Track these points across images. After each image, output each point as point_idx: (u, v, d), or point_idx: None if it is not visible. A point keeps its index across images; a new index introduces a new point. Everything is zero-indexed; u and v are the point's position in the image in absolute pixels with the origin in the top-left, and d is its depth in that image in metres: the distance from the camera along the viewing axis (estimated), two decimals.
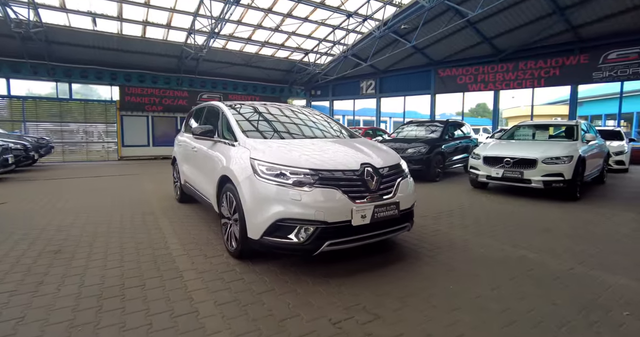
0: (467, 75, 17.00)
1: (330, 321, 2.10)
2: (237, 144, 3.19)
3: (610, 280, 2.70)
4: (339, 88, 21.52)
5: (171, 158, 5.70)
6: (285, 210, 2.53)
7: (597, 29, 13.04)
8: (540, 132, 7.58)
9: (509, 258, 3.17)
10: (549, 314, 2.19)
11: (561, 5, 12.29)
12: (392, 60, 17.90)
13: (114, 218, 4.47)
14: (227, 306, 2.24)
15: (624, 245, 3.56)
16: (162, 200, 5.72)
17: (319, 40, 16.39)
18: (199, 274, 2.72)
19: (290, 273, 2.76)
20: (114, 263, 2.92)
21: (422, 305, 2.31)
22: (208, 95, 17.88)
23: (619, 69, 13.17)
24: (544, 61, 14.74)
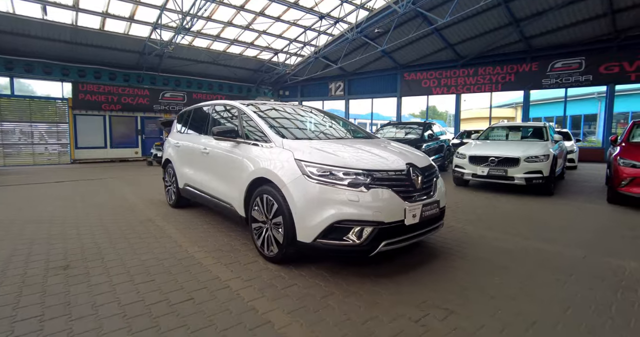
0: (431, 79, 17.88)
1: (410, 319, 2.08)
2: (271, 145, 3.03)
3: (621, 264, 2.98)
4: (307, 89, 21.51)
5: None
6: (343, 211, 2.46)
7: (545, 40, 14.41)
8: (513, 133, 8.18)
9: (527, 249, 3.37)
10: (594, 298, 2.36)
11: (517, 17, 13.40)
12: (360, 63, 18.30)
13: (110, 227, 4.05)
14: (298, 313, 2.12)
15: (614, 233, 3.95)
16: (153, 206, 5.29)
17: (289, 41, 16.26)
18: (247, 282, 2.55)
19: (340, 276, 2.69)
20: (142, 277, 2.64)
21: (482, 297, 2.37)
22: (171, 94, 16.93)
23: (563, 77, 14.66)
24: (500, 67, 15.96)
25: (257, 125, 3.33)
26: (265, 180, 2.95)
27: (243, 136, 3.40)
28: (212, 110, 4.29)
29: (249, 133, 3.41)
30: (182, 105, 17.26)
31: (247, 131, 3.44)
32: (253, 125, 3.42)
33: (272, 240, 2.88)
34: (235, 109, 3.80)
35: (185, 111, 5.17)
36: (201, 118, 4.52)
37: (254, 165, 3.08)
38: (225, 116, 4.06)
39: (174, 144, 4.90)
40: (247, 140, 3.32)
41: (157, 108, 16.47)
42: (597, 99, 21.66)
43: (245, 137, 3.38)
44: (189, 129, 4.75)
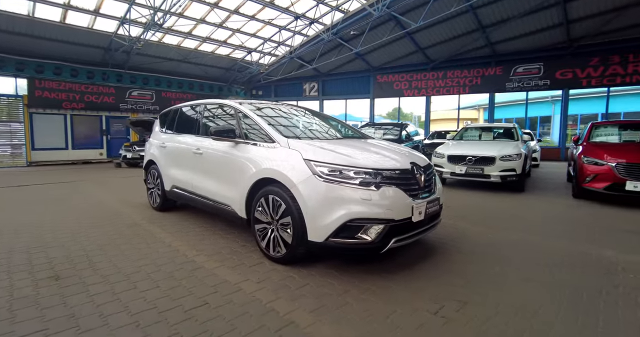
0: (402, 82, 18.41)
1: (428, 311, 2.15)
2: (275, 145, 3.00)
3: (599, 252, 3.25)
4: (281, 89, 21.37)
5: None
6: (355, 210, 2.49)
7: (508, 46, 15.32)
8: (486, 134, 8.64)
9: (514, 241, 3.57)
10: (585, 281, 2.56)
11: (483, 24, 14.14)
12: (334, 64, 18.46)
13: (94, 233, 3.80)
14: (320, 312, 2.12)
15: (586, 225, 4.29)
16: (135, 209, 5.04)
17: (264, 40, 16.07)
18: (259, 285, 2.50)
19: (349, 274, 2.72)
20: (145, 284, 2.51)
21: (487, 286, 2.50)
22: (139, 93, 16.17)
23: (525, 81, 15.66)
24: (468, 71, 16.75)
25: (258, 126, 3.28)
26: (270, 180, 2.92)
27: (242, 136, 3.34)
28: (203, 109, 4.16)
29: (249, 133, 3.35)
30: (151, 104, 16.54)
31: (246, 131, 3.37)
32: (253, 125, 3.36)
33: (278, 241, 2.85)
34: (231, 108, 3.71)
35: (169, 110, 4.97)
36: (190, 118, 4.37)
37: (257, 166, 3.03)
38: (218, 116, 3.96)
39: (159, 145, 4.69)
40: (247, 141, 3.26)
41: (124, 107, 15.65)
42: (550, 102, 23.44)
43: (245, 137, 3.32)
44: (176, 129, 4.57)
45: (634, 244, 3.52)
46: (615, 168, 5.31)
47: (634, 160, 5.23)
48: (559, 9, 12.53)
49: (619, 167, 5.29)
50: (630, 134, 6.71)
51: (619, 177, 5.27)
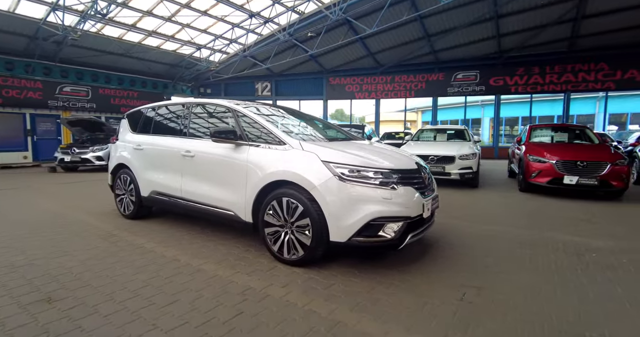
0: (354, 84, 19.04)
1: (456, 299, 2.33)
2: (286, 147, 2.96)
3: (563, 237, 3.77)
4: (232, 87, 20.71)
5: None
6: (378, 209, 2.58)
7: (450, 54, 16.71)
8: (440, 135, 9.36)
9: (491, 233, 3.95)
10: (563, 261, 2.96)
11: (429, 32, 15.22)
12: (288, 65, 18.42)
13: (66, 247, 3.37)
14: (359, 309, 2.17)
15: (543, 215, 4.92)
16: (102, 217, 4.55)
17: (215, 37, 15.44)
18: (285, 288, 2.46)
19: (367, 271, 2.79)
20: (161, 299, 2.31)
21: (490, 273, 2.77)
22: (72, 89, 14.48)
23: (464, 86, 17.22)
24: (414, 76, 17.90)
25: (263, 127, 3.20)
26: (281, 183, 2.88)
27: (244, 138, 3.23)
28: (189, 109, 3.91)
29: (252, 135, 3.26)
30: (86, 101, 14.89)
31: (247, 133, 3.27)
32: (256, 126, 3.27)
33: (293, 243, 2.83)
34: (228, 109, 3.57)
35: (139, 111, 4.57)
36: (174, 118, 4.08)
37: (267, 169, 2.96)
38: (211, 116, 3.76)
39: (133, 147, 4.30)
40: (251, 143, 3.17)
41: (54, 104, 13.87)
42: (480, 105, 26.09)
43: (247, 139, 3.22)
44: (154, 130, 4.23)
45: (588, 230, 4.13)
46: (555, 165, 6.15)
47: (569, 158, 6.11)
48: (493, 23, 14.02)
49: (558, 164, 6.13)
50: (560, 135, 7.81)
51: (558, 173, 6.11)
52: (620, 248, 3.46)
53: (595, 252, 3.32)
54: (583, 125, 8.03)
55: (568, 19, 13.21)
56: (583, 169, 5.96)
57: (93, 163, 10.08)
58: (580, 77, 15.12)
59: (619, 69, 14.49)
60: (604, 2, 12.17)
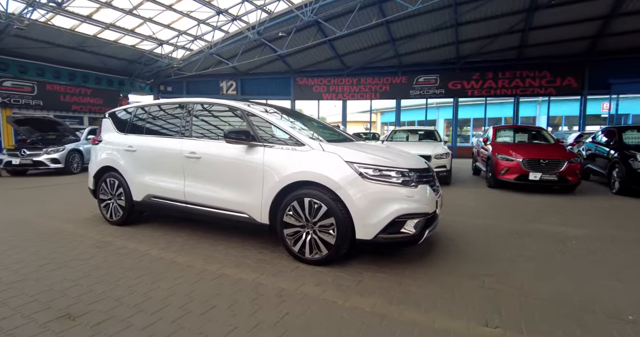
0: (321, 85, 19.25)
1: (479, 287, 2.52)
2: (305, 148, 2.98)
3: (542, 227, 4.19)
4: (195, 86, 19.92)
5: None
6: (403, 207, 2.70)
7: (413, 58, 17.52)
8: (412, 135, 9.81)
9: (480, 226, 4.28)
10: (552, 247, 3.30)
11: (394, 37, 15.84)
12: (254, 64, 18.14)
13: (56, 258, 3.08)
14: (398, 302, 2.26)
15: (518, 208, 5.38)
16: (81, 225, 4.20)
17: (179, 33, 14.77)
18: (319, 287, 2.48)
19: (386, 266, 2.88)
20: (198, 307, 2.23)
21: (496, 262, 3.01)
22: (13, 83, 13.07)
23: (425, 89, 18.14)
24: (379, 78, 18.52)
25: (279, 128, 3.19)
26: (302, 183, 2.90)
27: (257, 139, 3.19)
28: (191, 109, 3.75)
29: (266, 136, 3.23)
30: (31, 98, 13.50)
31: (262, 134, 3.24)
32: (269, 127, 3.25)
33: (316, 243, 2.86)
34: (236, 109, 3.49)
35: (132, 109, 4.30)
36: (172, 118, 3.89)
37: (286, 170, 2.96)
38: (217, 117, 3.65)
39: (124, 149, 4.02)
40: (266, 144, 3.14)
41: None
42: (435, 107, 27.65)
43: (262, 140, 3.18)
44: (147, 131, 4.00)
45: (559, 220, 4.60)
46: (522, 163, 6.75)
47: (534, 157, 6.74)
48: (453, 30, 14.94)
49: (524, 162, 6.74)
50: (521, 136, 8.58)
51: (524, 170, 6.71)
52: (592, 235, 3.91)
53: (575, 240, 3.74)
54: (540, 127, 8.89)
55: (518, 29, 14.48)
56: (545, 166, 6.61)
57: (47, 166, 9.18)
58: (528, 82, 16.64)
59: (559, 77, 16.17)
60: (547, 16, 13.52)
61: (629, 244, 3.63)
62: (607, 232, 4.04)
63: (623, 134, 7.50)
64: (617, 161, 6.83)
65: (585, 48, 15.31)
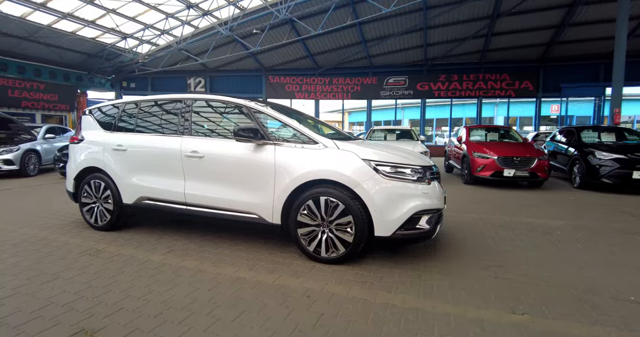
0: (294, 84, 19.14)
1: (495, 277, 2.65)
2: (319, 146, 2.94)
3: (530, 220, 4.48)
4: (160, 82, 18.98)
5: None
6: (420, 203, 2.76)
7: (383, 59, 17.93)
8: (390, 135, 10.06)
9: (471, 220, 4.49)
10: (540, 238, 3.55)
11: (366, 38, 16.12)
12: (223, 61, 17.65)
13: (46, 269, 2.80)
14: (432, 296, 2.31)
15: (498, 203, 5.70)
16: (63, 231, 3.85)
17: (145, 26, 13.99)
18: (344, 286, 2.47)
19: (402, 262, 2.94)
20: (227, 313, 2.12)
21: (501, 254, 3.16)
22: None
23: (395, 90, 18.64)
24: (350, 79, 18.75)
25: (289, 126, 3.12)
26: (316, 182, 2.87)
27: (267, 137, 3.11)
28: (189, 106, 3.56)
29: (275, 134, 3.15)
30: None
31: (270, 132, 3.15)
32: (278, 125, 3.18)
33: (332, 242, 2.84)
34: (239, 106, 3.39)
35: (119, 104, 4.00)
36: (169, 115, 3.67)
37: (301, 168, 2.90)
38: (219, 114, 3.50)
39: (112, 148, 3.73)
40: (276, 142, 3.07)
41: None
42: (400, 108, 28.59)
43: (272, 138, 3.11)
44: (138, 128, 3.75)
45: (539, 213, 4.93)
46: (497, 160, 7.16)
47: (508, 154, 7.18)
48: (422, 33, 15.49)
49: (499, 159, 7.15)
50: (492, 135, 9.11)
51: (499, 167, 7.13)
52: (571, 226, 4.24)
53: (559, 230, 4.04)
54: (508, 127, 9.48)
55: (482, 34, 15.32)
56: (518, 164, 7.06)
57: (0, 168, 8.30)
58: (490, 85, 17.66)
59: (517, 80, 17.33)
60: (508, 23, 14.45)
61: (604, 233, 3.98)
62: (581, 223, 4.40)
63: (581, 133, 8.21)
64: (578, 158, 7.46)
65: (540, 54, 16.54)
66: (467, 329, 1.96)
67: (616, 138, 8.16)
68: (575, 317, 2.09)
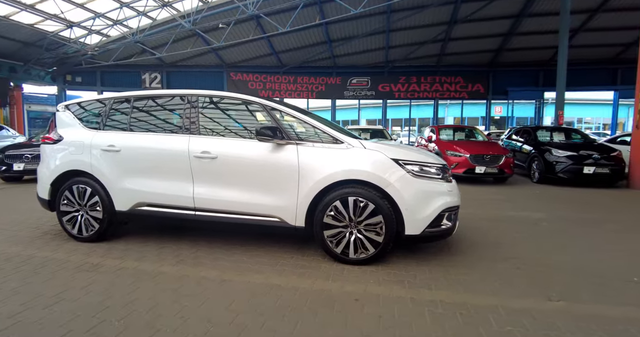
0: (257, 82, 18.72)
1: (516, 268, 2.81)
2: (344, 146, 2.88)
3: (513, 213, 4.82)
4: (112, 77, 17.45)
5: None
6: (447, 200, 2.83)
7: (347, 60, 18.22)
8: (363, 134, 10.24)
9: (467, 216, 4.72)
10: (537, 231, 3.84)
11: (331, 38, 16.24)
12: (182, 56, 16.73)
13: (41, 290, 2.42)
14: (465, 289, 2.37)
15: (480, 198, 6.07)
16: (40, 246, 3.36)
17: (96, 15, 12.74)
18: (385, 287, 2.44)
19: (424, 260, 2.98)
20: (279, 324, 2.00)
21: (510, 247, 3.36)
22: None
23: (357, 91, 19.04)
24: (315, 78, 18.80)
25: (309, 124, 3.03)
26: (343, 182, 2.82)
27: (289, 136, 2.98)
28: (194, 102, 3.28)
29: (296, 133, 3.03)
30: None
31: (291, 131, 3.03)
32: (297, 123, 3.07)
33: (361, 242, 2.81)
34: (252, 102, 3.23)
35: (107, 100, 3.58)
36: (170, 112, 3.36)
37: (327, 169, 2.82)
38: (231, 111, 3.28)
39: (102, 148, 3.32)
40: (298, 142, 2.96)
41: None
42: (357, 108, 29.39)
43: (294, 138, 2.99)
44: (132, 127, 3.39)
45: (517, 206, 5.34)
46: (469, 158, 7.62)
47: (479, 152, 7.66)
48: (385, 36, 15.98)
49: (471, 157, 7.61)
50: (459, 134, 9.68)
51: (471, 164, 7.59)
52: (551, 218, 4.64)
53: (544, 222, 4.40)
54: (473, 126, 10.13)
55: (440, 39, 16.21)
56: (488, 161, 7.57)
57: None
58: (445, 87, 18.75)
59: (470, 83, 18.62)
60: (463, 30, 15.45)
61: (582, 222, 4.42)
62: (558, 214, 4.84)
63: (537, 133, 9.03)
64: (536, 156, 8.19)
65: (490, 59, 17.92)
66: (519, 319, 2.04)
67: (565, 137, 9.12)
68: (603, 300, 2.29)
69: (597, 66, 17.31)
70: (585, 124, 30.07)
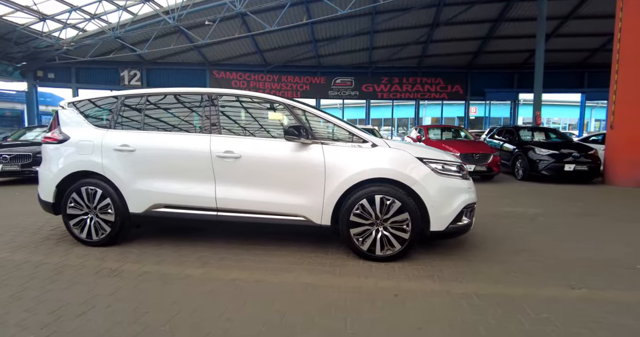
0: (240, 81, 18.45)
1: (533, 260, 2.97)
2: (369, 145, 2.94)
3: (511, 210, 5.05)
4: (88, 74, 16.66)
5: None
6: (468, 197, 2.96)
7: (331, 60, 18.31)
8: None
9: None
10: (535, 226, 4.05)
11: (316, 38, 16.26)
12: (163, 53, 16.21)
13: (66, 298, 2.32)
14: (495, 282, 2.48)
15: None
16: (46, 252, 3.19)
17: (72, 8, 12.10)
18: (417, 283, 2.51)
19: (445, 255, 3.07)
20: (337, 324, 2.03)
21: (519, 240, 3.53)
22: None
23: (342, 91, 19.18)
24: (299, 78, 18.76)
25: (333, 124, 3.06)
26: (369, 181, 2.87)
27: (314, 136, 3.00)
28: (214, 101, 3.21)
29: (321, 132, 3.06)
30: None
31: (316, 130, 3.05)
32: (321, 123, 3.10)
33: (387, 239, 2.87)
34: (273, 102, 3.20)
35: (120, 96, 3.43)
36: (189, 111, 3.27)
37: (354, 168, 2.87)
38: (255, 112, 3.25)
39: (115, 148, 3.19)
40: (323, 141, 2.98)
41: None
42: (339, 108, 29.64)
43: (319, 137, 3.01)
44: (146, 126, 3.28)
45: (512, 203, 5.60)
46: (460, 157, 7.88)
47: (469, 151, 7.95)
48: (369, 37, 16.18)
49: (462, 156, 7.88)
50: (446, 134, 9.99)
51: None
52: (546, 212, 4.90)
53: (541, 217, 4.64)
54: (460, 126, 10.47)
55: (422, 41, 16.61)
56: (478, 159, 7.87)
57: None
58: (426, 88, 19.23)
59: (449, 84, 19.19)
60: (444, 32, 15.91)
61: (574, 216, 4.70)
62: (552, 210, 5.12)
63: (520, 132, 9.47)
64: (520, 154, 8.60)
65: (468, 61, 18.55)
66: (552, 307, 2.17)
67: (545, 137, 9.62)
68: (619, 287, 2.48)
69: (567, 70, 18.33)
70: (554, 124, 31.76)
